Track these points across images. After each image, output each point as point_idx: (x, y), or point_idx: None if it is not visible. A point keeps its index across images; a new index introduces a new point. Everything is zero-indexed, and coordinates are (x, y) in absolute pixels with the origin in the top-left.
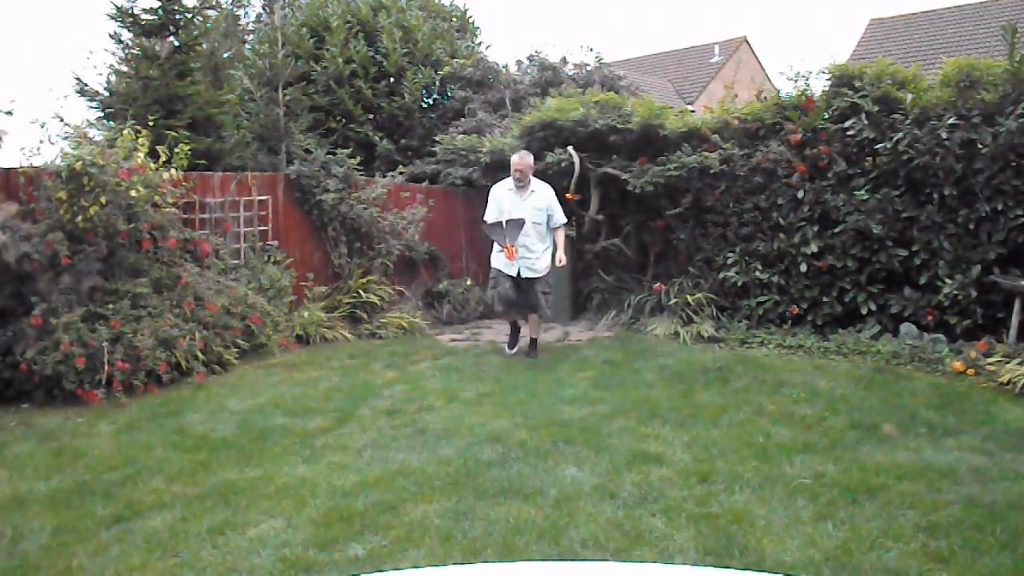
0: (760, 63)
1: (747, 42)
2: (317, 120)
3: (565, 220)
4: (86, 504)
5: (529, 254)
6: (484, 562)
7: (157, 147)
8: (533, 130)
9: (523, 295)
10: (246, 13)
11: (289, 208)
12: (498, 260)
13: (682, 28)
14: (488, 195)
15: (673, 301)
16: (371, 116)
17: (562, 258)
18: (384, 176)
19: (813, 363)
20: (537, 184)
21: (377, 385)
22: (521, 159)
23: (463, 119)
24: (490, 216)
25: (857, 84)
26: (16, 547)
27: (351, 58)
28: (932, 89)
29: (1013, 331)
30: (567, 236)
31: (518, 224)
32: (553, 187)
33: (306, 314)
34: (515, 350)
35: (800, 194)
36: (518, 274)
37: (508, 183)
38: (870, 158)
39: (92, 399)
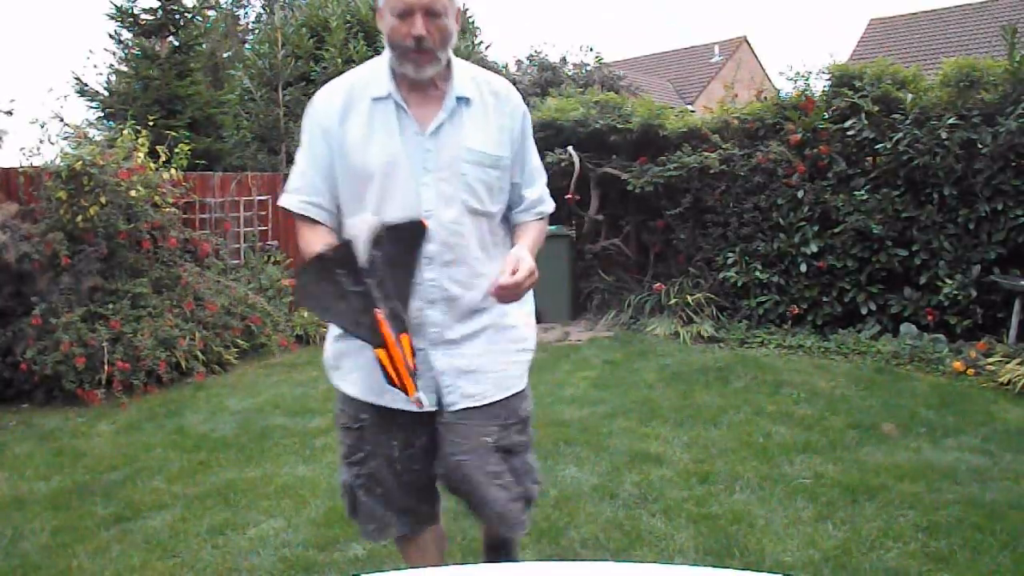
0: (760, 63)
1: (747, 42)
2: None
3: (552, 205)
4: (86, 504)
5: (459, 328)
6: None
7: (157, 147)
8: (533, 130)
9: (456, 469)
10: (246, 13)
11: None
12: (351, 372)
13: (682, 28)
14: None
15: (673, 301)
16: None
17: (523, 270)
18: None
19: (813, 363)
20: (474, 79)
21: None
22: None
23: None
24: (290, 198)
25: (857, 84)
26: (16, 547)
27: (351, 58)
28: (932, 89)
29: (1013, 331)
30: (565, 237)
31: (406, 272)
32: (553, 188)
33: (306, 314)
34: None
35: (800, 194)
36: (437, 407)
37: (373, 79)
38: (870, 158)
39: (92, 399)
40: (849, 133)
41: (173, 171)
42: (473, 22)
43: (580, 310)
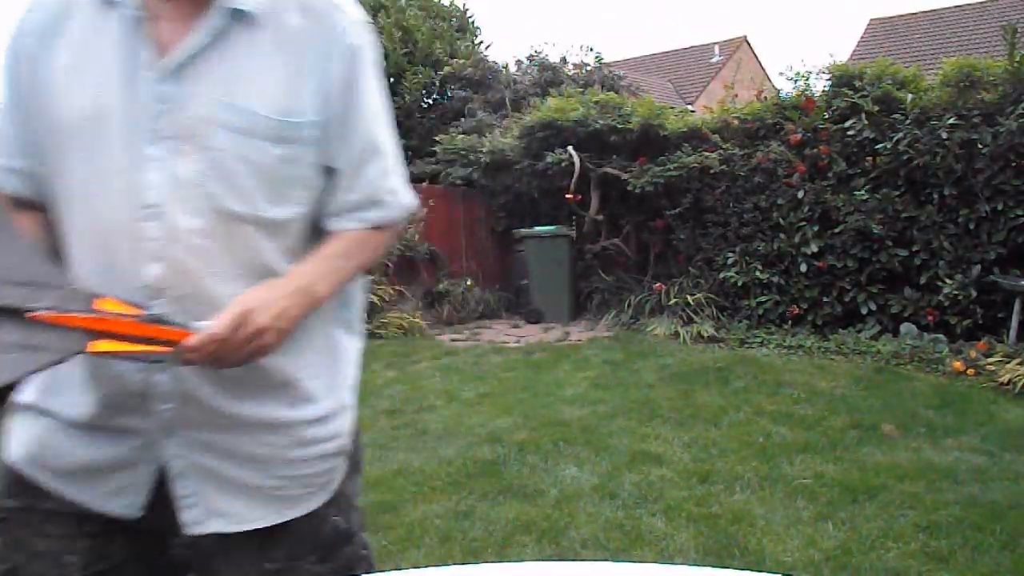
0: (760, 63)
1: (747, 42)
2: None
3: (402, 208)
4: None
5: (210, 410)
6: (484, 562)
7: None
8: (533, 130)
9: None
10: None
11: None
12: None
13: (682, 28)
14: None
15: (673, 301)
16: None
17: (219, 329)
18: None
19: (813, 363)
20: None
21: (377, 385)
22: None
23: (463, 119)
24: None
25: (857, 84)
26: None
27: None
28: (932, 89)
29: (1013, 331)
30: (565, 237)
31: (13, 251)
32: (553, 188)
33: None
34: None
35: (800, 194)
36: (142, 525)
37: None
38: (870, 158)
39: None
40: (849, 133)
41: None
42: (473, 22)
43: (580, 310)
